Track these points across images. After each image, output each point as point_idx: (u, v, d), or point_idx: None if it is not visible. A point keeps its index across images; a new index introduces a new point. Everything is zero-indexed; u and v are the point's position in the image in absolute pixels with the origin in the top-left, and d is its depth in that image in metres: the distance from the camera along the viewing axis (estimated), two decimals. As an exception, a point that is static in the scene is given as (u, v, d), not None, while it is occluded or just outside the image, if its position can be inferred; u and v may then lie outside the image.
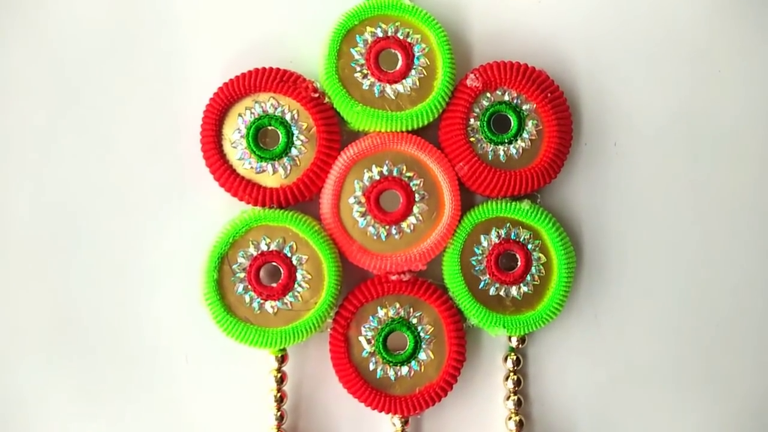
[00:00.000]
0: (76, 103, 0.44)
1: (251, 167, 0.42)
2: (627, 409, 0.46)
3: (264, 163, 0.42)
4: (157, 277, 0.44)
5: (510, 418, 0.44)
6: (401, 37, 0.43)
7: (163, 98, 0.44)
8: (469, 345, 0.44)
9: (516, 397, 0.45)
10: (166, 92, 0.44)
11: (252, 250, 0.42)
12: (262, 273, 0.42)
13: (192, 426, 0.44)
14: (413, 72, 0.43)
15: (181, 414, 0.44)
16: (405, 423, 0.43)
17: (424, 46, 0.43)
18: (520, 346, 0.45)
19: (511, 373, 0.45)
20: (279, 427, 0.42)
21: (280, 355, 0.42)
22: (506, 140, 0.44)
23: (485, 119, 0.44)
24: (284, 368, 0.43)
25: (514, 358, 0.45)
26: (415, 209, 0.43)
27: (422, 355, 0.43)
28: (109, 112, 0.44)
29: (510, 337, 0.45)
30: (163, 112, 0.44)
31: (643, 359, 0.46)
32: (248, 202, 0.42)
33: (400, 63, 0.43)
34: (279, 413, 0.42)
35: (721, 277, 0.47)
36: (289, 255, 0.42)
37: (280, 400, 0.42)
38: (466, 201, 0.45)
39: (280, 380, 0.42)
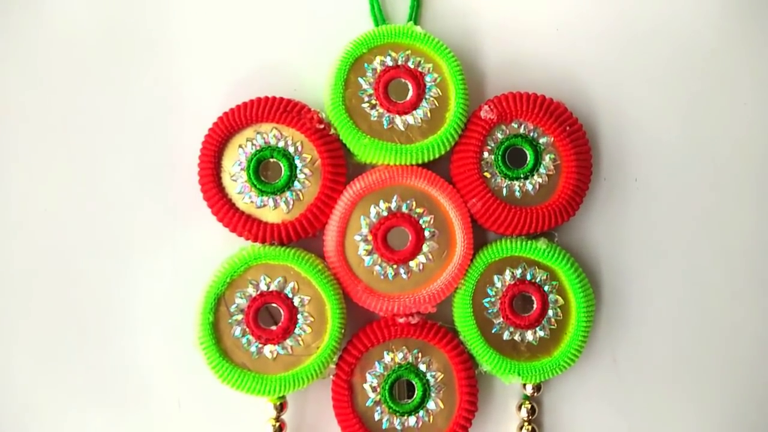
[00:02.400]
0: (66, 133, 0.42)
1: (251, 201, 0.40)
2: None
3: (265, 198, 0.40)
4: (149, 318, 0.42)
5: (524, 473, 0.42)
6: (412, 66, 0.41)
7: (159, 128, 0.42)
8: (481, 393, 0.41)
9: (531, 450, 0.42)
10: (162, 122, 0.42)
11: (251, 291, 0.39)
12: (261, 315, 0.40)
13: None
14: (424, 103, 0.41)
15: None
16: (413, 480, 0.40)
17: (436, 75, 0.41)
18: (535, 394, 0.42)
19: (526, 423, 0.42)
20: (277, 481, 0.40)
21: (278, 403, 0.39)
22: (522, 175, 0.41)
23: (500, 153, 0.41)
24: (283, 417, 0.40)
25: (529, 406, 0.42)
26: (425, 247, 0.40)
27: (431, 405, 0.40)
28: (101, 143, 0.42)
29: (524, 385, 0.42)
30: (158, 142, 0.42)
31: (666, 407, 0.43)
32: (247, 239, 0.40)
33: (410, 93, 0.41)
34: (277, 466, 0.40)
35: (748, 318, 0.44)
36: (290, 296, 0.39)
37: (278, 451, 0.40)
38: (479, 239, 0.42)
39: (279, 430, 0.40)
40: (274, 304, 0.39)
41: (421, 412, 0.40)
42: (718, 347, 0.44)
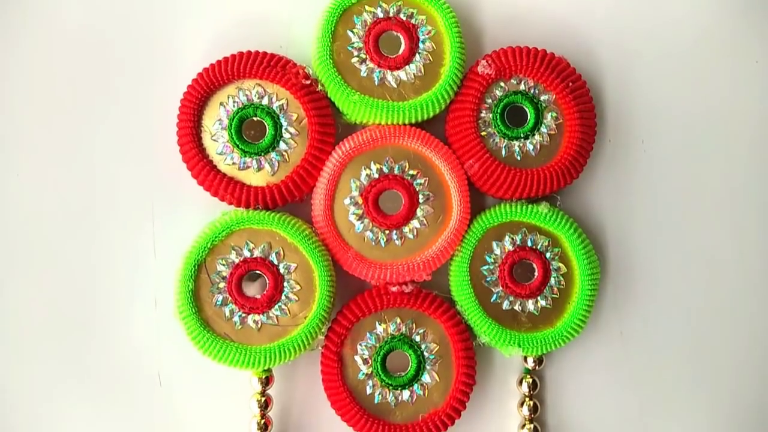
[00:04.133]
0: (44, 98, 0.40)
1: (234, 163, 0.37)
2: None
3: (248, 159, 0.37)
4: (126, 289, 0.39)
5: (525, 450, 0.39)
6: (404, 18, 0.39)
7: (136, 85, 0.40)
8: (479, 366, 0.39)
9: (532, 426, 0.39)
10: (139, 78, 0.40)
11: (233, 257, 0.37)
12: (244, 284, 0.37)
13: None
14: (417, 57, 0.38)
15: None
16: (406, 455, 0.38)
17: (429, 28, 0.39)
18: (537, 367, 0.40)
19: (527, 399, 0.40)
20: (263, 459, 0.37)
21: (264, 377, 0.37)
22: (522, 135, 0.39)
23: (498, 111, 0.39)
24: (269, 392, 0.38)
25: (530, 381, 0.40)
26: (419, 212, 0.38)
27: (426, 378, 0.38)
28: (80, 102, 0.40)
29: (525, 358, 0.40)
30: (136, 100, 0.40)
31: (676, 382, 0.41)
32: (230, 203, 0.38)
33: (402, 47, 0.38)
34: (263, 443, 0.37)
35: (759, 286, 0.42)
36: (275, 262, 0.37)
37: (264, 427, 0.37)
38: (477, 204, 0.40)
39: (265, 405, 0.37)
40: (258, 272, 0.37)
41: (415, 386, 0.38)
42: (729, 319, 0.42)
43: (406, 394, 0.38)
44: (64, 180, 0.40)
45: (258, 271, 0.37)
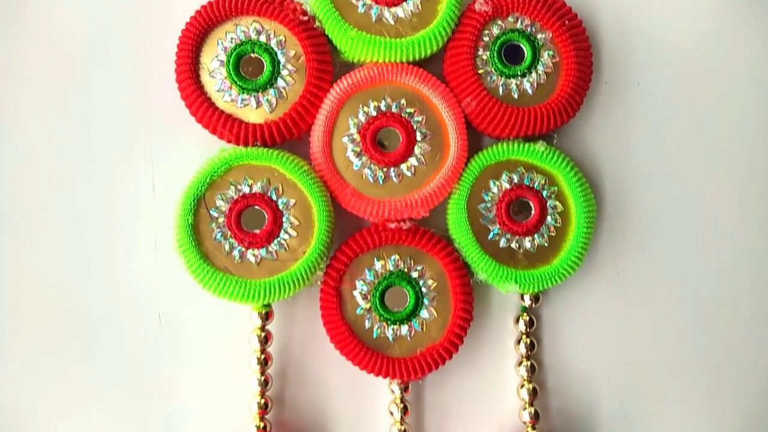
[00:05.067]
0: (40, 40, 0.40)
1: (232, 100, 0.38)
2: (653, 379, 0.41)
3: (246, 96, 0.38)
4: (126, 229, 0.39)
5: (522, 386, 0.40)
6: (401, -45, 0.39)
7: (134, 24, 0.40)
8: (476, 304, 0.39)
9: (529, 363, 0.40)
10: (137, 17, 0.40)
11: (232, 193, 0.37)
12: (243, 219, 0.37)
13: (167, 395, 0.39)
14: (415, -6, 0.38)
15: (154, 382, 0.39)
16: (405, 389, 0.38)
17: (426, -35, 0.39)
18: (534, 305, 0.40)
19: (524, 336, 0.40)
20: (263, 394, 0.37)
21: (264, 312, 0.37)
22: (519, 73, 0.39)
23: (495, 49, 0.39)
24: (269, 327, 0.38)
25: (527, 319, 0.40)
26: (417, 149, 0.38)
27: (424, 313, 0.38)
28: (76, 42, 0.40)
29: (522, 296, 0.40)
30: (134, 39, 0.40)
31: (671, 322, 0.41)
32: (228, 140, 0.38)
33: (399, -16, 0.39)
34: (263, 378, 0.38)
35: (755, 224, 0.42)
36: (274, 198, 0.37)
37: (264, 362, 0.38)
38: (474, 145, 0.40)
39: (264, 340, 0.38)
40: (257, 207, 0.37)
41: (413, 321, 0.38)
42: (725, 259, 0.42)
43: (404, 329, 0.38)
44: (62, 121, 0.40)
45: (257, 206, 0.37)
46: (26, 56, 0.40)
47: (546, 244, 0.39)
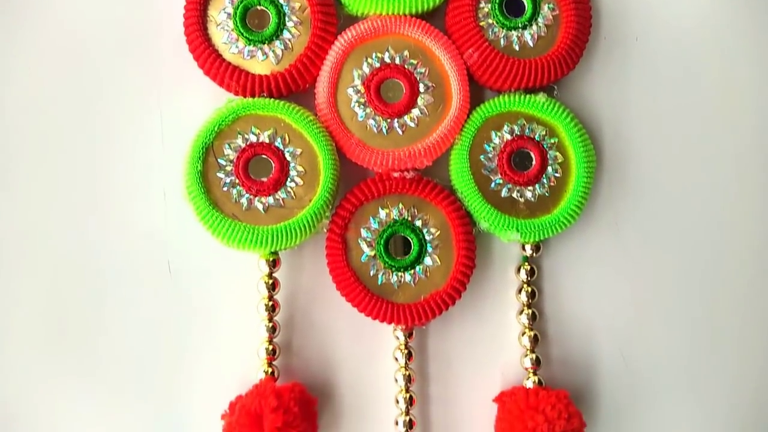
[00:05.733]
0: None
1: (238, 51, 0.38)
2: (653, 328, 0.42)
3: (253, 47, 0.38)
4: (135, 180, 0.40)
5: (523, 334, 0.40)
6: None
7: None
8: (478, 255, 0.40)
9: (530, 311, 0.41)
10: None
11: (240, 142, 0.38)
12: (251, 167, 0.38)
13: (178, 343, 0.40)
14: (417, -53, 0.39)
15: (163, 330, 0.40)
16: (409, 336, 0.39)
17: None
18: (534, 255, 0.41)
19: (525, 285, 0.41)
20: (271, 340, 0.38)
21: (271, 260, 0.38)
22: (520, 25, 0.40)
23: (497, 2, 0.40)
24: (276, 275, 0.39)
25: (528, 268, 0.41)
26: (420, 101, 0.39)
27: (428, 261, 0.39)
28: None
29: (523, 245, 0.41)
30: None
31: (671, 272, 0.42)
32: (235, 92, 0.39)
33: (403, -64, 0.39)
34: (271, 324, 0.38)
35: (754, 179, 0.43)
36: (281, 147, 0.38)
37: (272, 309, 0.39)
38: (476, 98, 0.41)
39: (272, 287, 0.38)
40: (264, 156, 0.38)
41: (417, 268, 0.39)
42: (724, 211, 0.43)
43: (408, 276, 0.39)
44: (70, 73, 0.40)
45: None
46: (37, 8, 0.40)
47: (547, 194, 0.40)
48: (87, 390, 0.39)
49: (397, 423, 0.39)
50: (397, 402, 0.39)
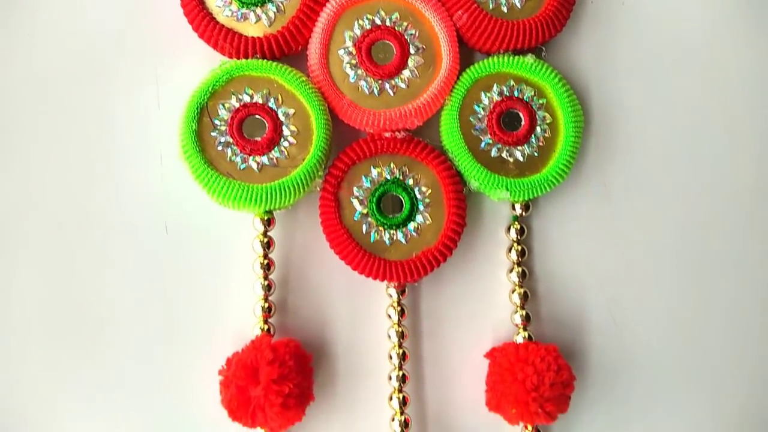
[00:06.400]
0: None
1: (232, 14, 0.39)
2: (640, 286, 0.43)
3: (246, 10, 0.39)
4: (132, 143, 0.41)
5: (514, 291, 0.41)
6: None
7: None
8: (469, 215, 0.41)
9: (520, 269, 0.41)
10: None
11: (234, 102, 0.39)
12: (245, 127, 0.39)
13: (174, 302, 0.40)
14: None
15: (160, 290, 0.40)
16: (401, 293, 0.40)
17: None
18: (524, 214, 0.42)
19: (515, 244, 0.42)
20: (266, 298, 0.39)
21: (266, 218, 0.39)
22: (508, -13, 0.41)
23: (485, -36, 0.41)
24: (271, 234, 0.40)
25: (518, 227, 0.42)
26: (410, 62, 0.40)
27: (419, 218, 0.40)
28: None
29: (513, 205, 0.42)
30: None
31: (658, 232, 0.43)
32: (229, 54, 0.39)
33: None
34: (266, 283, 0.39)
35: (743, 140, 0.44)
36: (274, 108, 0.39)
37: (267, 267, 0.39)
38: (465, 61, 0.41)
39: (267, 245, 0.39)
40: (258, 116, 0.39)
41: (409, 226, 0.40)
42: (712, 172, 0.44)
43: (399, 234, 0.40)
44: (68, 38, 0.41)
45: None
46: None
47: (536, 154, 0.41)
48: (84, 347, 0.40)
49: (390, 378, 0.40)
50: (390, 358, 0.40)
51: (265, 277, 0.39)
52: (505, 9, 0.40)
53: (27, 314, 0.40)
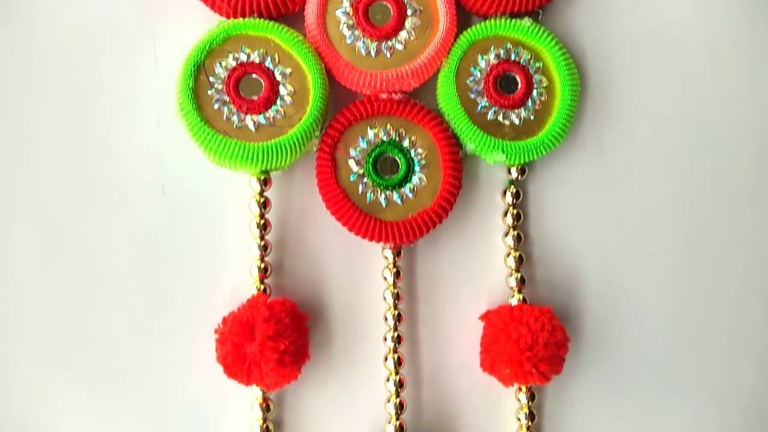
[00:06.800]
0: None
1: (229, -26, 0.39)
2: (636, 251, 0.43)
3: (243, -31, 0.39)
4: (128, 104, 0.41)
5: (509, 255, 0.42)
6: None
7: None
8: (465, 180, 0.41)
9: (515, 233, 0.42)
10: None
11: (230, 61, 0.39)
12: (241, 86, 0.39)
13: (170, 263, 0.41)
14: None
15: (157, 251, 0.41)
16: (397, 255, 0.40)
17: None
18: (520, 178, 0.42)
19: (511, 208, 0.42)
20: (263, 258, 0.39)
21: (262, 178, 0.39)
22: (505, -51, 0.41)
23: (483, -74, 0.40)
24: (268, 195, 0.40)
25: (514, 191, 0.42)
26: (407, 23, 0.40)
27: (415, 180, 0.40)
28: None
29: (509, 169, 0.42)
30: None
31: (653, 197, 0.43)
32: (227, 15, 0.39)
33: None
34: (263, 243, 0.39)
35: (740, 104, 0.44)
36: (271, 67, 0.39)
37: (263, 227, 0.39)
38: (463, 25, 0.41)
39: (263, 205, 0.39)
40: (254, 75, 0.39)
41: (405, 187, 0.40)
42: (708, 135, 0.44)
43: (395, 195, 0.40)
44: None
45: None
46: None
47: (532, 117, 0.41)
48: (80, 308, 0.40)
49: (385, 339, 0.40)
50: (386, 319, 0.40)
51: (262, 238, 0.40)
52: (502, -29, 0.40)
53: (21, 275, 0.40)
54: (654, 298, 0.43)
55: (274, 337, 0.36)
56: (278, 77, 0.39)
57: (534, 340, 0.38)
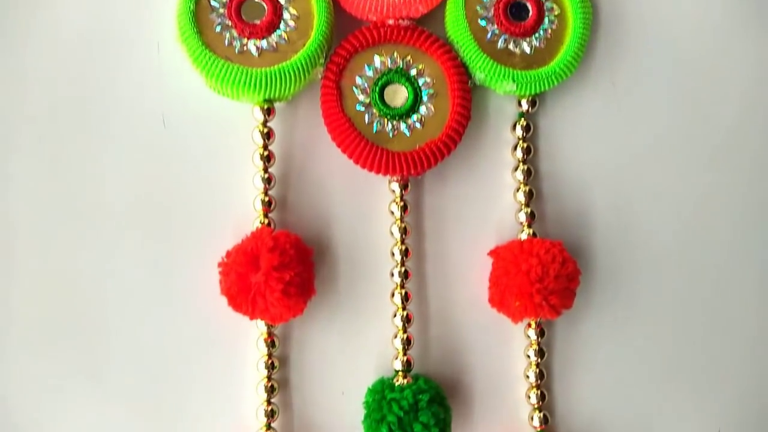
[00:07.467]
0: None
1: None
2: (648, 186, 0.42)
3: None
4: (127, 29, 0.40)
5: (519, 190, 0.41)
6: None
7: None
8: (475, 112, 0.40)
9: (525, 167, 0.41)
10: None
11: (232, -16, 0.38)
12: (243, 10, 0.38)
13: (171, 195, 0.39)
14: None
15: (158, 183, 0.39)
16: (404, 188, 0.39)
17: None
18: (530, 111, 0.41)
19: (521, 141, 0.41)
20: (266, 191, 0.38)
21: (266, 107, 0.38)
22: None
23: None
24: (271, 126, 0.39)
25: (524, 124, 0.41)
26: (415, -53, 0.39)
27: (423, 109, 0.39)
28: None
29: (519, 101, 0.41)
30: None
31: (666, 132, 0.42)
32: (228, -63, 0.38)
33: None
34: (266, 175, 0.38)
35: (755, 42, 0.43)
36: (273, -8, 0.38)
37: (267, 159, 0.38)
38: (472, -48, 0.40)
39: (267, 136, 0.38)
40: (258, -1, 0.38)
41: (412, 117, 0.39)
42: (723, 69, 0.43)
43: (403, 125, 0.39)
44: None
45: None
46: None
47: (543, 47, 0.40)
48: (81, 239, 0.39)
49: (392, 274, 0.39)
50: (393, 255, 0.39)
51: (265, 170, 0.38)
52: None
53: (19, 206, 0.39)
54: (666, 234, 0.42)
55: (279, 268, 0.36)
56: (281, 1, 0.37)
57: (545, 272, 0.37)
